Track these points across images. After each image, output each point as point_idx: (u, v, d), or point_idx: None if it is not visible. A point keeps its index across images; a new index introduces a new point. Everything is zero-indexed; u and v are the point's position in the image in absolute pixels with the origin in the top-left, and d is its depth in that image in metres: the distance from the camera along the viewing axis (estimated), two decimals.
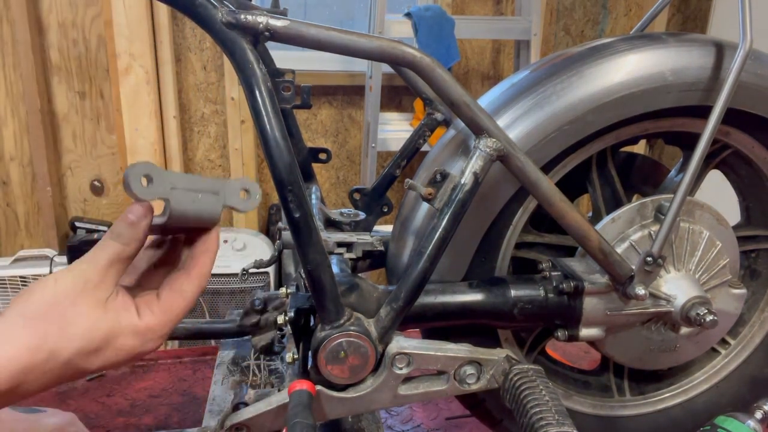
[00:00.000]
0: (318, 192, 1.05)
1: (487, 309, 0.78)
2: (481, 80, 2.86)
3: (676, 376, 0.98)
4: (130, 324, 0.51)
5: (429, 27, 2.32)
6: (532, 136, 0.76)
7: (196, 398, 1.14)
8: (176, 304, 0.53)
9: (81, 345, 0.48)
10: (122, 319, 0.50)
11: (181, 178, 0.51)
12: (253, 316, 1.04)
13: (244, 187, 0.55)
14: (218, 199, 0.53)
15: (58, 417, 0.85)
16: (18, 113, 2.38)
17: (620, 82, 0.76)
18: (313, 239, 0.67)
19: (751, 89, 0.80)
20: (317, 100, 2.71)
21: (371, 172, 2.52)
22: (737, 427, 0.86)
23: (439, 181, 0.72)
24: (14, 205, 2.49)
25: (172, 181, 0.51)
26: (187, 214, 0.52)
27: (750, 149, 0.88)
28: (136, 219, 0.51)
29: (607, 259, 0.76)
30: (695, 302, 0.80)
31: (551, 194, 0.73)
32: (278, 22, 0.65)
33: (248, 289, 2.25)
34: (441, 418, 1.11)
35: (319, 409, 0.74)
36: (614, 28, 2.97)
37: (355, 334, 0.71)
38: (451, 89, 0.69)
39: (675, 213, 0.77)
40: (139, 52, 2.27)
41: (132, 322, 0.51)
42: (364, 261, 0.95)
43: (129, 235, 0.51)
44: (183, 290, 0.54)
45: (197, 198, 0.52)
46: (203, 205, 0.52)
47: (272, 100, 0.65)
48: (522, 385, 0.74)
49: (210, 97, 2.59)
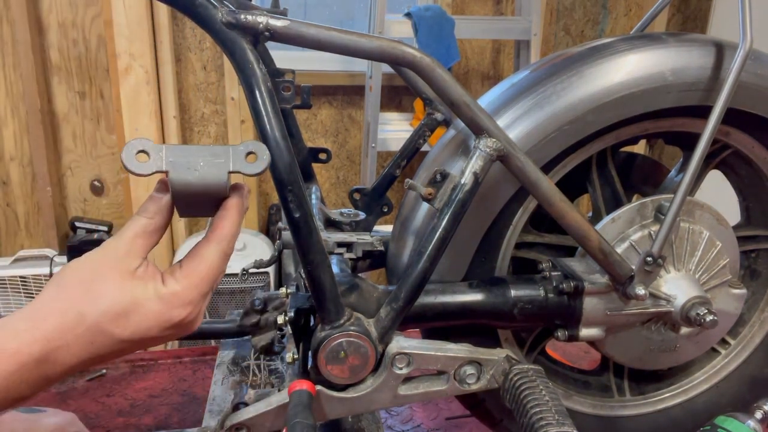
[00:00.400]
0: (318, 192, 1.05)
1: (487, 309, 0.78)
2: (481, 80, 2.86)
3: (676, 376, 0.97)
4: (156, 290, 0.52)
5: (429, 27, 2.32)
6: (532, 136, 0.76)
7: (196, 398, 1.14)
8: (197, 268, 0.54)
9: (107, 307, 0.50)
10: (148, 286, 0.52)
11: (180, 149, 0.51)
12: (253, 316, 1.04)
13: (250, 149, 0.53)
14: (222, 164, 0.52)
15: (58, 417, 0.85)
16: (18, 113, 2.38)
17: (620, 82, 0.76)
18: (313, 239, 0.67)
19: (751, 89, 0.80)
20: (317, 100, 2.71)
21: (371, 172, 2.52)
22: (737, 427, 0.86)
23: (439, 181, 0.72)
24: (14, 205, 2.49)
25: (170, 153, 0.51)
26: (190, 183, 0.51)
27: (750, 149, 0.88)
28: (157, 193, 0.54)
29: (607, 259, 0.76)
30: (695, 302, 0.80)
31: (551, 194, 0.73)
32: (278, 22, 0.65)
33: (248, 289, 2.25)
34: (441, 418, 1.11)
35: (319, 409, 0.74)
36: (614, 28, 2.97)
37: (355, 334, 0.71)
38: (451, 89, 0.69)
39: (675, 213, 0.77)
40: (139, 52, 2.27)
41: (157, 288, 0.52)
42: (364, 261, 0.95)
43: (152, 209, 0.53)
44: (202, 254, 0.54)
45: (199, 166, 0.51)
46: (206, 172, 0.52)
47: (272, 100, 0.65)
48: (522, 385, 0.74)
49: (210, 97, 2.59)
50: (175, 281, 0.53)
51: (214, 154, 0.52)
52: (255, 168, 0.53)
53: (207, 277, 0.54)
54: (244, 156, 0.53)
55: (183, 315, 0.53)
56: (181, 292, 0.53)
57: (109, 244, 0.53)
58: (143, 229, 0.53)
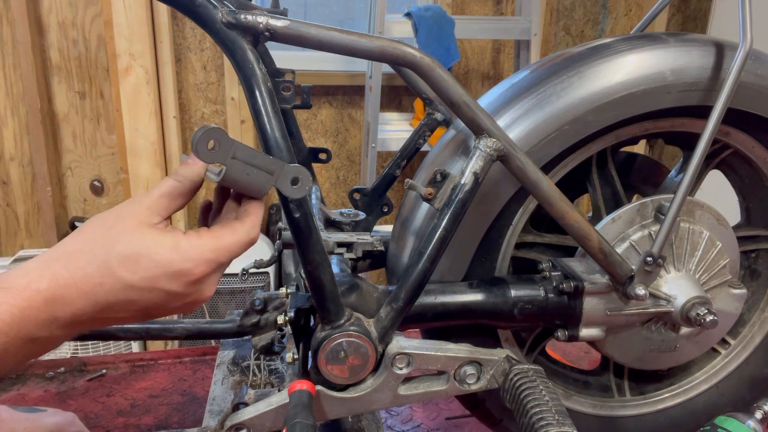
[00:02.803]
0: (318, 192, 1.05)
1: (487, 309, 0.78)
2: (481, 80, 2.86)
3: (676, 376, 0.97)
4: (173, 240, 0.53)
5: (429, 27, 2.32)
6: (532, 136, 0.76)
7: (196, 398, 1.14)
8: (225, 236, 0.55)
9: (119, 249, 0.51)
10: (166, 236, 0.53)
11: (244, 150, 0.55)
12: (253, 316, 1.04)
13: (297, 175, 0.58)
14: (270, 178, 0.57)
15: (59, 416, 0.85)
16: (18, 113, 2.38)
17: (620, 82, 0.76)
18: (313, 239, 0.67)
19: (751, 89, 0.80)
20: (317, 100, 2.71)
21: (371, 172, 2.52)
22: (737, 427, 0.86)
23: (439, 181, 0.72)
24: (14, 205, 2.49)
25: (235, 150, 0.55)
26: (238, 182, 0.56)
27: (750, 149, 0.88)
28: (192, 160, 0.56)
29: (607, 259, 0.76)
30: (695, 302, 0.80)
31: (551, 194, 0.73)
32: (278, 22, 0.65)
33: (248, 289, 2.25)
34: (441, 418, 1.11)
35: (319, 409, 0.74)
36: (614, 28, 2.97)
37: (355, 334, 0.71)
38: (451, 89, 0.69)
39: (675, 213, 0.77)
40: (139, 52, 2.27)
41: (174, 238, 0.53)
42: (364, 261, 0.95)
43: (183, 173, 0.56)
44: (234, 227, 0.56)
45: (252, 171, 0.56)
46: (254, 179, 0.56)
47: (272, 100, 0.65)
48: (522, 385, 0.74)
49: (210, 97, 2.59)
50: (198, 236, 0.54)
51: (269, 167, 0.57)
52: (294, 193, 0.58)
53: (230, 247, 0.55)
54: (291, 178, 0.58)
55: (194, 271, 0.53)
56: (200, 246, 0.53)
57: (134, 199, 0.55)
58: (170, 191, 0.55)
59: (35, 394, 1.13)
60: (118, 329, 0.99)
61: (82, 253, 0.51)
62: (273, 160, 0.57)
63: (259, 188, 0.57)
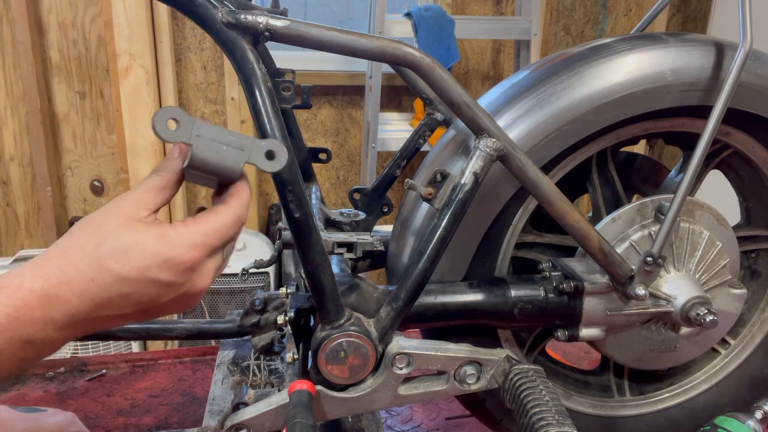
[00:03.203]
0: (318, 192, 1.05)
1: (487, 309, 0.78)
2: (481, 80, 2.86)
3: (676, 376, 0.97)
4: (159, 230, 0.53)
5: (429, 27, 2.32)
6: (532, 136, 0.76)
7: (196, 398, 1.14)
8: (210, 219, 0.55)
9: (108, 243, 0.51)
10: (153, 228, 0.53)
11: (209, 128, 0.54)
12: (253, 316, 1.04)
13: (270, 148, 0.56)
14: (242, 154, 0.55)
15: (59, 416, 0.85)
16: (18, 113, 2.38)
17: (620, 82, 0.76)
18: (313, 239, 0.67)
19: (751, 89, 0.80)
20: (317, 100, 2.71)
21: (371, 172, 2.52)
22: (737, 427, 0.86)
23: (439, 181, 0.72)
24: (14, 205, 2.49)
25: (199, 129, 0.54)
26: (208, 161, 0.54)
27: (750, 149, 0.88)
28: (170, 153, 0.57)
29: (607, 259, 0.76)
30: (695, 302, 0.80)
31: (551, 194, 0.73)
32: (278, 22, 0.65)
33: (248, 289, 2.25)
34: (441, 418, 1.11)
35: (319, 409, 0.74)
36: (614, 28, 2.97)
37: (355, 334, 0.71)
38: (451, 89, 0.69)
39: (675, 213, 0.77)
40: (139, 52, 2.27)
41: (162, 228, 0.53)
42: (364, 261, 0.95)
43: (163, 166, 0.56)
44: (217, 209, 0.56)
45: (221, 149, 0.54)
46: (225, 156, 0.55)
47: (272, 100, 0.65)
48: (522, 385, 0.74)
49: (210, 97, 2.59)
50: (184, 225, 0.54)
51: (239, 143, 0.55)
52: (270, 166, 0.56)
53: (218, 229, 0.55)
54: (264, 152, 0.55)
55: (184, 257, 0.53)
56: (186, 233, 0.53)
57: (119, 197, 0.56)
58: (153, 185, 0.55)
59: (35, 394, 1.13)
60: (118, 329, 0.99)
61: (73, 251, 0.52)
62: (242, 135, 0.56)
63: (231, 166, 0.55)
